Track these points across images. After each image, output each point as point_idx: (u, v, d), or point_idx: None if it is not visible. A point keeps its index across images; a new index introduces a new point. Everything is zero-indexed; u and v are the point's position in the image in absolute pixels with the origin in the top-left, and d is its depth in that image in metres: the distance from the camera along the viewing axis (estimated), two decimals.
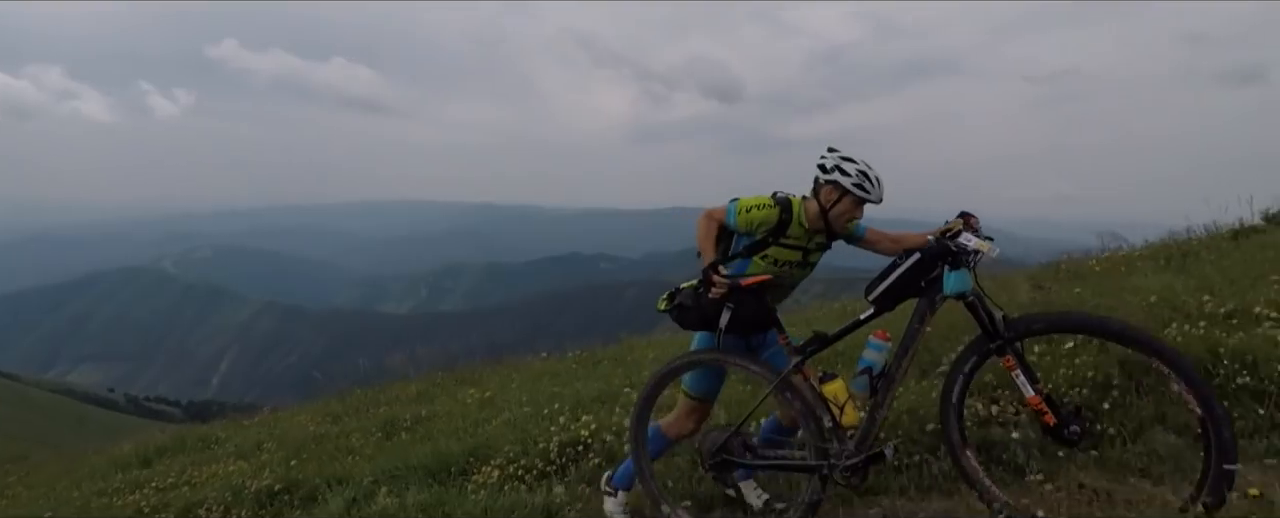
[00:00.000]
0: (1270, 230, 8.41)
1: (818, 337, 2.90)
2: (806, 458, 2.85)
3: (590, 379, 6.76)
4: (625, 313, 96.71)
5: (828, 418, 2.80)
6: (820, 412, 2.81)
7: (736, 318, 2.85)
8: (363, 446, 6.19)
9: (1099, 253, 8.48)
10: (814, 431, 2.80)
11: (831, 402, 2.82)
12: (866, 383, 2.78)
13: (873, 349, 2.80)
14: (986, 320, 2.60)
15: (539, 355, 9.99)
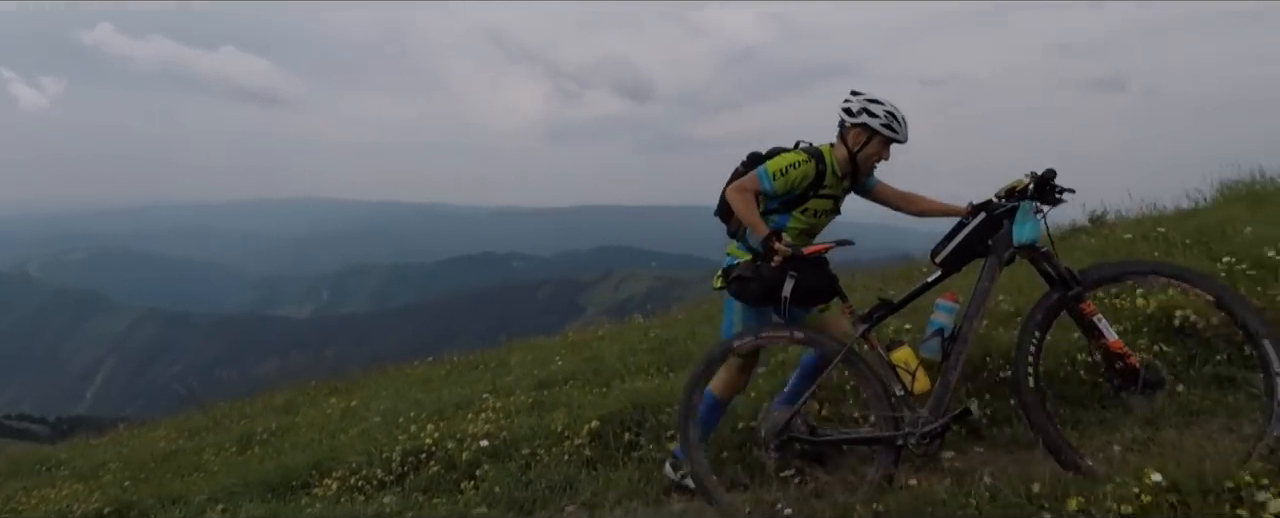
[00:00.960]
0: (1093, 232, 9.29)
1: (884, 304, 2.86)
2: (878, 430, 2.76)
3: (458, 385, 6.74)
4: (538, 312, 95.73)
5: (899, 387, 2.73)
6: (890, 381, 2.74)
7: (800, 287, 2.77)
8: (213, 462, 5.96)
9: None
10: (884, 401, 2.74)
11: (902, 369, 2.76)
12: (938, 346, 2.74)
13: (942, 311, 2.78)
14: (1060, 271, 2.64)
15: (424, 360, 9.85)
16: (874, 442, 2.77)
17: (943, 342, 2.73)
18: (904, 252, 10.22)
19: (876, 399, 2.78)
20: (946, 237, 2.82)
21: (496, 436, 4.28)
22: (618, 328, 8.21)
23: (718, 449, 3.46)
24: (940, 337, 2.74)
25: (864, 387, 2.86)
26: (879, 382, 2.76)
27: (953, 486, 2.48)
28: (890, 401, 2.73)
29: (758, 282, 2.82)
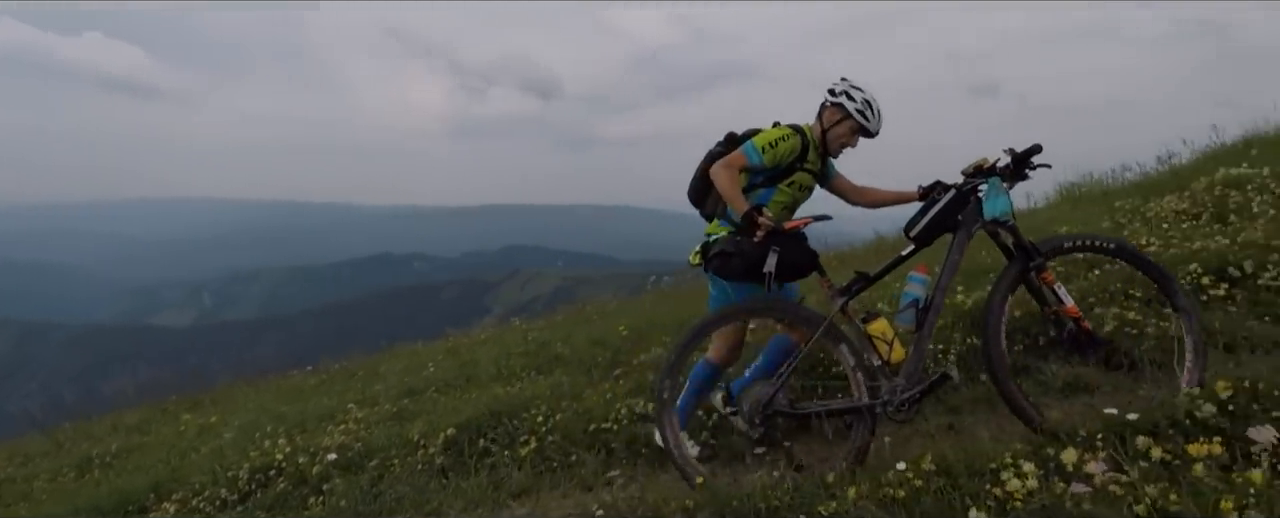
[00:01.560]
0: None
1: (861, 276, 2.93)
2: (856, 400, 2.77)
3: (326, 396, 6.50)
4: (441, 314, 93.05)
5: (876, 357, 2.78)
6: (867, 352, 2.80)
7: (783, 263, 2.79)
8: (44, 490, 5.50)
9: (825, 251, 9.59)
10: (864, 372, 2.78)
11: (879, 339, 2.81)
12: (913, 316, 2.81)
13: (915, 283, 2.85)
14: (1023, 244, 2.79)
15: (303, 369, 9.44)
16: (853, 412, 2.79)
17: (917, 312, 2.82)
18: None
19: (854, 370, 2.82)
20: (920, 212, 2.92)
21: (350, 447, 4.16)
22: (498, 332, 8.15)
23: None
24: (915, 307, 2.83)
25: (842, 358, 2.88)
26: (858, 354, 2.82)
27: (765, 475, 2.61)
28: (867, 371, 2.79)
29: (740, 257, 2.84)
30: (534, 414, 3.98)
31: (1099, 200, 7.15)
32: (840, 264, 7.15)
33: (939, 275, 2.85)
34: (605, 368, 4.87)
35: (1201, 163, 7.02)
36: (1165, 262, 4.02)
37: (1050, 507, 1.92)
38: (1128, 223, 5.44)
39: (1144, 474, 2.00)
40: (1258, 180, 5.35)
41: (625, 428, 3.67)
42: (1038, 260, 2.81)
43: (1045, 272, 2.83)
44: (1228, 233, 4.44)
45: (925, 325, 2.79)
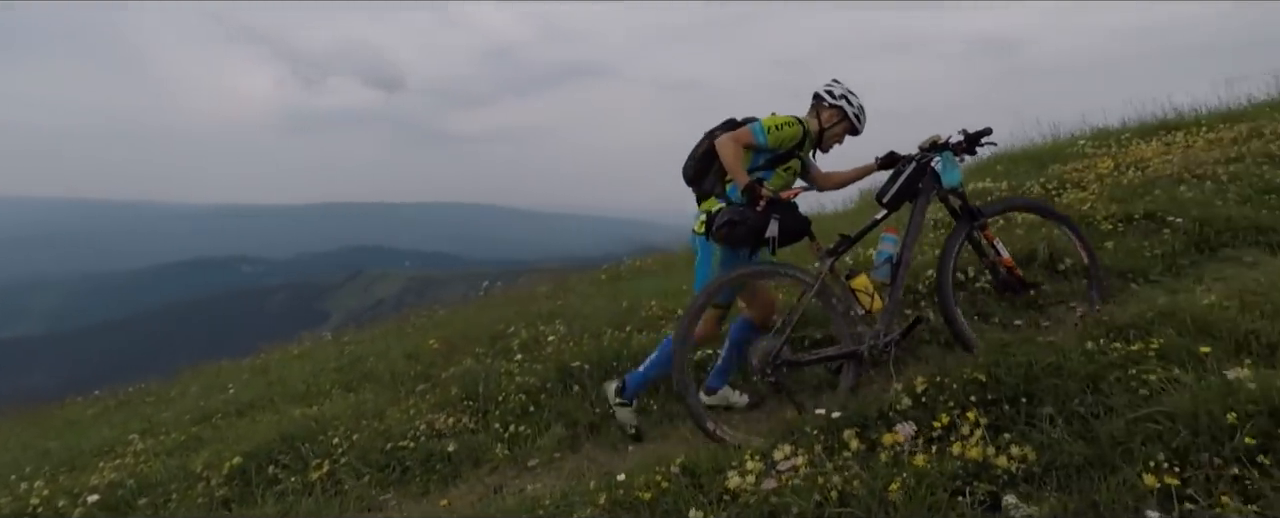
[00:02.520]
0: None
1: (844, 238, 3.28)
2: (845, 347, 3.14)
3: (107, 427, 5.92)
4: (271, 321, 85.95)
5: (859, 308, 3.15)
6: (852, 304, 3.16)
7: (783, 228, 3.08)
8: None
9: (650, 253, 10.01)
10: (849, 321, 3.15)
11: (861, 293, 3.18)
12: (888, 271, 3.24)
13: (888, 242, 3.30)
14: (969, 207, 3.35)
15: (91, 394, 8.47)
16: (844, 357, 3.17)
17: (891, 267, 3.25)
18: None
19: (842, 322, 3.21)
20: (888, 182, 3.38)
21: (121, 485, 3.86)
22: (315, 346, 7.78)
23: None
24: (889, 263, 3.26)
25: (831, 311, 3.24)
26: (850, 305, 3.18)
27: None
28: (855, 321, 3.17)
29: (745, 225, 3.09)
30: (331, 437, 3.90)
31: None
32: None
33: (906, 235, 3.33)
34: (414, 383, 4.84)
35: (997, 158, 8.04)
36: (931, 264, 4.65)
37: (751, 502, 2.21)
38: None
39: (838, 465, 2.36)
40: (995, 194, 6.28)
41: (423, 445, 3.70)
42: (981, 220, 3.43)
43: (986, 229, 3.45)
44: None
45: (897, 278, 3.27)
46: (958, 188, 3.35)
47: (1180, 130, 7.59)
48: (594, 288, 7.25)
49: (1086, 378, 2.55)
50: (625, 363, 4.09)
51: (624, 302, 5.60)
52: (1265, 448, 1.92)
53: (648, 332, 4.64)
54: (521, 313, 6.11)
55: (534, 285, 9.04)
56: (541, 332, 5.11)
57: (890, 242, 3.34)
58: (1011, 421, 2.48)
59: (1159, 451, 2.05)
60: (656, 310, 5.14)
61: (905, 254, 3.30)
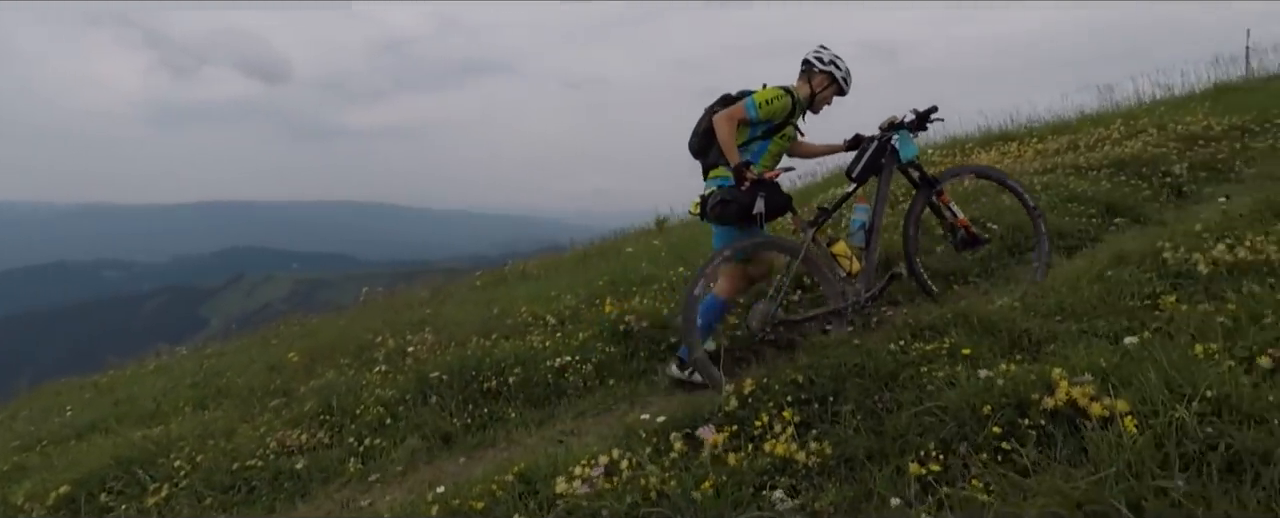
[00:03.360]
0: (660, 233, 11.00)
1: (822, 210, 3.74)
2: (831, 305, 3.57)
3: None
4: (142, 330, 79.39)
5: (841, 271, 3.60)
6: (834, 268, 3.61)
7: (769, 204, 3.41)
8: None
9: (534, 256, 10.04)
10: (834, 283, 3.58)
11: (842, 257, 3.63)
12: (862, 237, 3.71)
13: (860, 212, 3.76)
14: (926, 176, 3.83)
15: None
16: (832, 314, 3.58)
17: (865, 233, 3.70)
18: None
19: (829, 282, 3.62)
20: (855, 159, 3.78)
21: None
22: (172, 360, 7.35)
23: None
24: (862, 230, 3.71)
25: (816, 274, 3.69)
26: (833, 269, 3.61)
27: None
28: (838, 282, 3.58)
29: (735, 204, 3.44)
30: (173, 459, 3.75)
31: None
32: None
33: (875, 204, 3.78)
34: (272, 398, 4.70)
35: (830, 181, 8.55)
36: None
37: (573, 506, 2.34)
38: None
39: (664, 466, 2.52)
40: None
41: (272, 463, 3.62)
42: (938, 187, 3.90)
43: (943, 195, 3.92)
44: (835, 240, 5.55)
45: (871, 243, 3.72)
46: (914, 160, 3.83)
47: (1015, 141, 8.37)
48: (471, 293, 7.23)
49: (886, 377, 2.83)
50: (487, 372, 4.13)
51: (496, 308, 5.63)
52: (1009, 435, 2.21)
53: (514, 338, 4.70)
54: (392, 321, 6.03)
55: (422, 289, 8.89)
56: (408, 341, 5.07)
57: (862, 211, 3.80)
58: (819, 418, 2.72)
59: (929, 442, 2.32)
60: (526, 316, 5.20)
61: (876, 221, 3.76)
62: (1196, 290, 3.05)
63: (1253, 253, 3.15)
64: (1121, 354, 2.40)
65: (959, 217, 3.97)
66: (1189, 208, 5.05)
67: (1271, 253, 3.10)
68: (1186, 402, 2.01)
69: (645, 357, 4.24)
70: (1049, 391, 2.25)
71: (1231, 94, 8.74)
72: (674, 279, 5.41)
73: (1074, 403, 2.18)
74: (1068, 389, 2.21)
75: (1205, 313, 2.69)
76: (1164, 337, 2.62)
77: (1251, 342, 2.38)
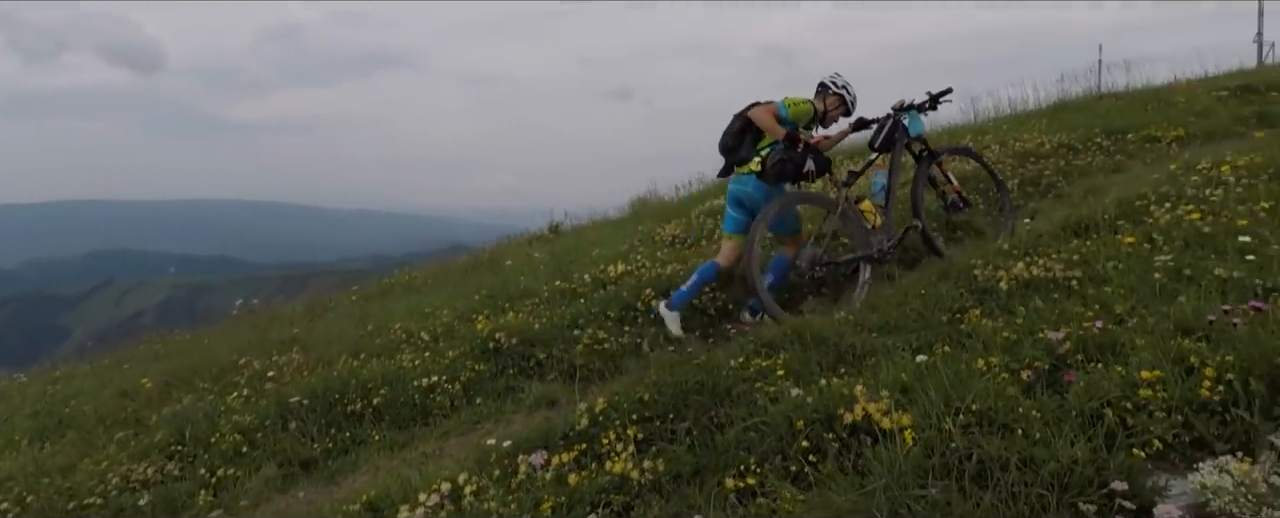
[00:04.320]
0: (553, 239, 11.05)
1: (851, 174, 4.69)
2: (861, 252, 4.44)
3: None
4: None
5: (867, 224, 4.48)
6: (862, 221, 4.48)
7: (817, 164, 4.33)
8: None
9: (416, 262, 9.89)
10: (863, 234, 4.48)
11: (867, 213, 4.53)
12: (883, 197, 4.64)
13: (880, 176, 4.74)
14: (930, 150, 4.86)
15: None
16: (863, 259, 4.43)
17: (885, 194, 4.62)
18: None
19: (858, 233, 4.50)
20: (875, 134, 4.71)
21: None
22: (9, 386, 6.79)
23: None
24: (883, 191, 4.64)
25: (849, 226, 4.53)
26: (859, 221, 4.47)
27: None
28: (866, 233, 4.46)
29: (790, 163, 4.27)
30: (0, 501, 3.52)
31: (645, 218, 8.64)
32: None
33: (890, 171, 4.70)
34: (120, 427, 4.47)
35: (707, 192, 8.86)
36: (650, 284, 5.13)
37: None
38: (641, 244, 6.70)
39: (510, 487, 2.62)
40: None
41: (113, 500, 3.46)
42: (938, 158, 4.91)
43: (941, 164, 4.93)
44: (705, 253, 5.77)
45: (888, 202, 4.63)
46: (921, 136, 4.76)
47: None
48: (349, 308, 7.06)
49: (723, 393, 3.04)
50: (352, 394, 4.09)
51: (370, 325, 5.55)
52: (815, 449, 2.45)
53: (384, 357, 4.67)
54: (261, 340, 5.83)
55: (299, 302, 8.58)
56: (274, 362, 4.93)
57: (881, 175, 4.73)
58: (660, 436, 2.89)
59: (751, 457, 2.53)
60: (400, 334, 5.17)
61: (892, 184, 4.67)
62: (995, 306, 3.43)
63: (1044, 270, 3.57)
64: (916, 370, 2.68)
65: (953, 183, 4.98)
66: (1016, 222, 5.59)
67: (1058, 270, 3.53)
68: (956, 414, 2.30)
69: (514, 373, 4.32)
70: (850, 406, 2.50)
71: (1066, 112, 9.64)
72: (550, 293, 5.51)
73: (869, 418, 2.44)
74: (865, 405, 2.47)
75: (995, 329, 3.04)
76: (959, 350, 2.95)
77: (1026, 355, 2.72)
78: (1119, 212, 4.27)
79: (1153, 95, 10.33)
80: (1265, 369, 2.09)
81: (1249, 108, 8.02)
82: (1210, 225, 3.63)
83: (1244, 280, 2.93)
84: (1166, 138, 7.20)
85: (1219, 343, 2.34)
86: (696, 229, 6.73)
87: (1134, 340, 2.54)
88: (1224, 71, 13.50)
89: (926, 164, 4.84)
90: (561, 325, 4.67)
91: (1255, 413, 2.01)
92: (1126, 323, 2.78)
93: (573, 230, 10.73)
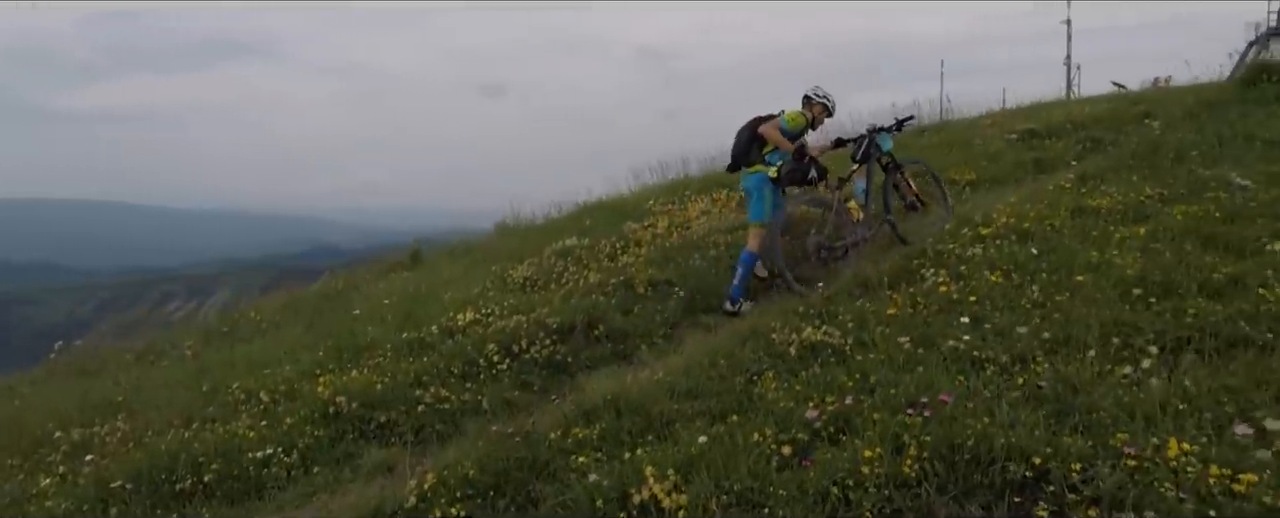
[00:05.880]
0: (412, 268, 10.94)
1: (841, 179, 5.94)
2: (851, 239, 5.79)
3: None
4: None
5: (853, 219, 5.84)
6: (849, 216, 5.84)
7: (818, 172, 5.60)
8: None
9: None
10: (851, 225, 5.84)
11: (853, 209, 5.89)
12: (863, 197, 5.95)
13: (860, 182, 6.01)
14: (895, 161, 6.17)
15: None
16: (853, 244, 5.80)
17: (864, 195, 5.95)
18: None
19: (844, 223, 5.84)
20: (855, 149, 6.10)
21: None
22: None
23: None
24: (862, 193, 5.96)
25: (840, 219, 5.85)
26: (847, 216, 5.84)
27: None
28: (852, 223, 5.84)
29: (799, 171, 5.56)
30: None
31: (500, 256, 8.81)
32: None
33: (867, 178, 6.02)
34: None
35: (564, 225, 9.16)
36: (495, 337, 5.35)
37: None
38: (492, 288, 6.90)
39: None
40: (576, 252, 7.35)
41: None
42: (902, 169, 6.26)
43: (903, 173, 6.27)
44: (551, 300, 6.04)
45: (867, 202, 5.96)
46: (889, 152, 6.12)
47: (727, 188, 9.54)
48: (190, 352, 6.80)
49: (541, 467, 3.35)
50: (182, 470, 4.03)
51: (206, 383, 5.43)
52: None
53: (219, 425, 4.61)
54: (82, 399, 5.54)
55: (127, 349, 8.05)
56: (96, 432, 4.74)
57: (861, 182, 6.03)
58: (481, 512, 3.16)
59: None
60: (238, 394, 5.09)
61: (869, 188, 5.99)
62: (785, 369, 3.94)
63: (825, 335, 4.14)
64: (699, 449, 3.10)
65: (912, 187, 6.35)
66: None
67: (836, 337, 4.10)
68: (722, 494, 2.73)
69: (354, 437, 4.43)
70: (640, 486, 2.88)
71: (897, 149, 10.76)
72: (397, 345, 5.60)
73: (655, 498, 2.82)
74: (652, 486, 2.85)
75: (777, 397, 3.53)
76: (746, 419, 3.40)
77: (792, 427, 3.21)
78: (895, 273, 4.96)
79: (966, 128, 11.71)
80: (945, 451, 2.65)
81: (1030, 153, 9.22)
82: (958, 292, 4.33)
83: (965, 352, 3.57)
84: (962, 180, 8.23)
85: (930, 422, 2.90)
86: (547, 272, 7.00)
87: (871, 416, 3.07)
88: (1031, 101, 15.49)
89: (893, 173, 6.16)
90: (405, 384, 4.81)
91: (932, 490, 2.55)
92: (876, 394, 3.32)
93: (431, 260, 10.71)
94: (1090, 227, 5.22)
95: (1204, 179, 5.93)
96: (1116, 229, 5.09)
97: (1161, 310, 3.63)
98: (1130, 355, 3.25)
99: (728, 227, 7.27)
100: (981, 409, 2.88)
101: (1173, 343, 3.30)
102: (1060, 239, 5.01)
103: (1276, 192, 5.36)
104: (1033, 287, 4.24)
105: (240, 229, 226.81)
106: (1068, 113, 11.41)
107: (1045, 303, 3.99)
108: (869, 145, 6.07)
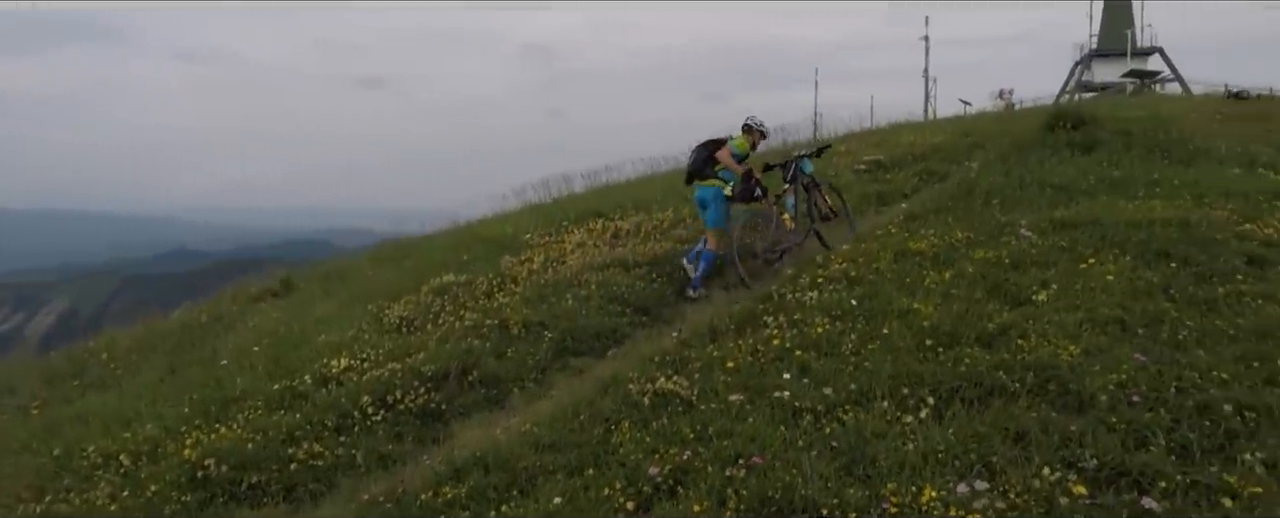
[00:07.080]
0: (283, 295, 10.63)
1: (777, 197, 7.45)
2: (786, 245, 7.24)
3: None
4: None
5: (786, 228, 7.30)
6: (784, 225, 7.30)
7: (762, 191, 7.19)
8: None
9: None
10: (786, 233, 7.31)
11: (787, 219, 7.35)
12: (793, 210, 7.49)
13: (790, 198, 7.56)
14: (815, 180, 7.72)
15: None
16: (787, 249, 7.22)
17: (794, 208, 7.48)
18: None
19: (780, 232, 7.26)
20: (783, 172, 7.75)
21: None
22: None
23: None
24: (793, 208, 7.47)
25: (777, 229, 7.26)
26: (782, 226, 7.27)
27: None
28: (785, 230, 7.27)
29: (746, 190, 7.09)
30: None
31: (376, 294, 8.81)
32: None
33: (795, 195, 7.60)
34: None
35: (442, 260, 9.27)
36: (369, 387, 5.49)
37: None
38: (368, 329, 6.97)
39: None
40: (453, 290, 7.53)
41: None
42: (820, 187, 7.72)
43: (820, 190, 7.70)
44: (427, 343, 6.22)
45: (796, 214, 7.47)
46: (810, 174, 7.66)
47: (603, 217, 9.95)
48: (27, 408, 6.43)
49: None
50: None
51: (58, 446, 5.24)
52: None
53: (74, 496, 4.52)
54: None
55: None
56: None
57: (791, 198, 7.56)
58: None
59: None
60: (95, 457, 4.97)
61: (798, 203, 7.56)
62: (639, 419, 4.38)
63: (675, 385, 4.63)
64: (555, 508, 3.48)
65: (827, 202, 7.72)
66: (685, 308, 6.84)
67: (683, 387, 4.60)
68: None
69: (224, 501, 4.48)
70: None
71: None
72: (269, 395, 5.62)
73: None
74: None
75: (629, 450, 3.96)
76: (600, 473, 3.81)
77: (640, 482, 3.64)
78: (742, 319, 5.54)
79: (824, 160, 12.75)
80: (757, 505, 3.16)
81: (875, 186, 10.23)
82: (790, 341, 4.94)
83: (789, 402, 4.14)
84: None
85: (750, 476, 3.40)
86: (425, 310, 7.15)
87: (705, 469, 3.55)
88: (888, 123, 16.95)
89: (814, 191, 7.66)
90: (277, 441, 4.88)
91: None
92: (712, 445, 3.80)
93: (304, 288, 10.48)
94: (907, 271, 5.99)
95: (1001, 224, 6.91)
96: (928, 274, 5.87)
97: (945, 360, 4.33)
98: (914, 405, 3.91)
99: (602, 263, 7.67)
100: (793, 462, 3.43)
101: (946, 393, 3.98)
102: (881, 284, 5.74)
103: (1053, 239, 6.33)
104: (852, 335, 4.90)
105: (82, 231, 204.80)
106: (913, 141, 12.68)
107: (858, 351, 4.64)
108: (796, 169, 7.68)
